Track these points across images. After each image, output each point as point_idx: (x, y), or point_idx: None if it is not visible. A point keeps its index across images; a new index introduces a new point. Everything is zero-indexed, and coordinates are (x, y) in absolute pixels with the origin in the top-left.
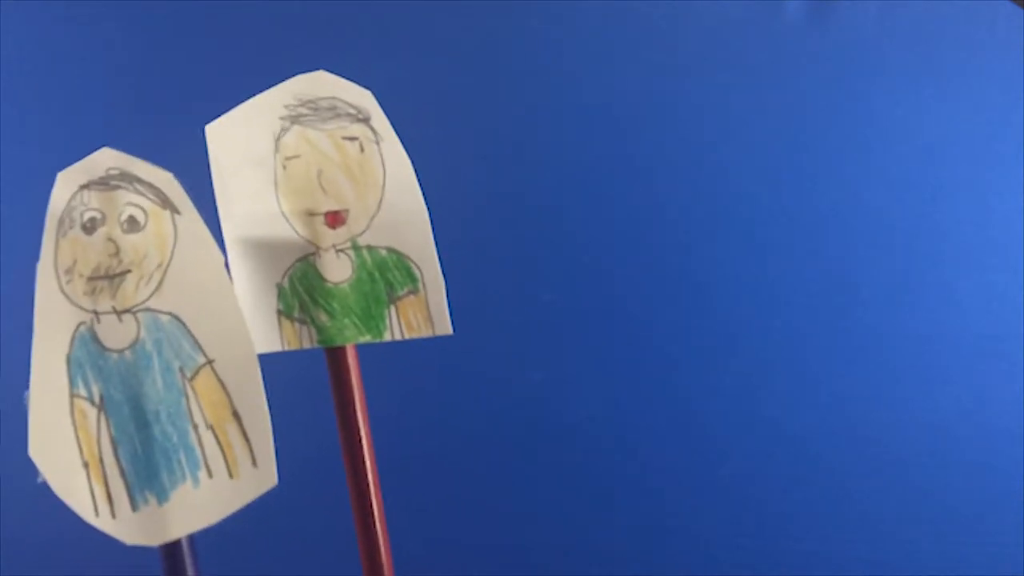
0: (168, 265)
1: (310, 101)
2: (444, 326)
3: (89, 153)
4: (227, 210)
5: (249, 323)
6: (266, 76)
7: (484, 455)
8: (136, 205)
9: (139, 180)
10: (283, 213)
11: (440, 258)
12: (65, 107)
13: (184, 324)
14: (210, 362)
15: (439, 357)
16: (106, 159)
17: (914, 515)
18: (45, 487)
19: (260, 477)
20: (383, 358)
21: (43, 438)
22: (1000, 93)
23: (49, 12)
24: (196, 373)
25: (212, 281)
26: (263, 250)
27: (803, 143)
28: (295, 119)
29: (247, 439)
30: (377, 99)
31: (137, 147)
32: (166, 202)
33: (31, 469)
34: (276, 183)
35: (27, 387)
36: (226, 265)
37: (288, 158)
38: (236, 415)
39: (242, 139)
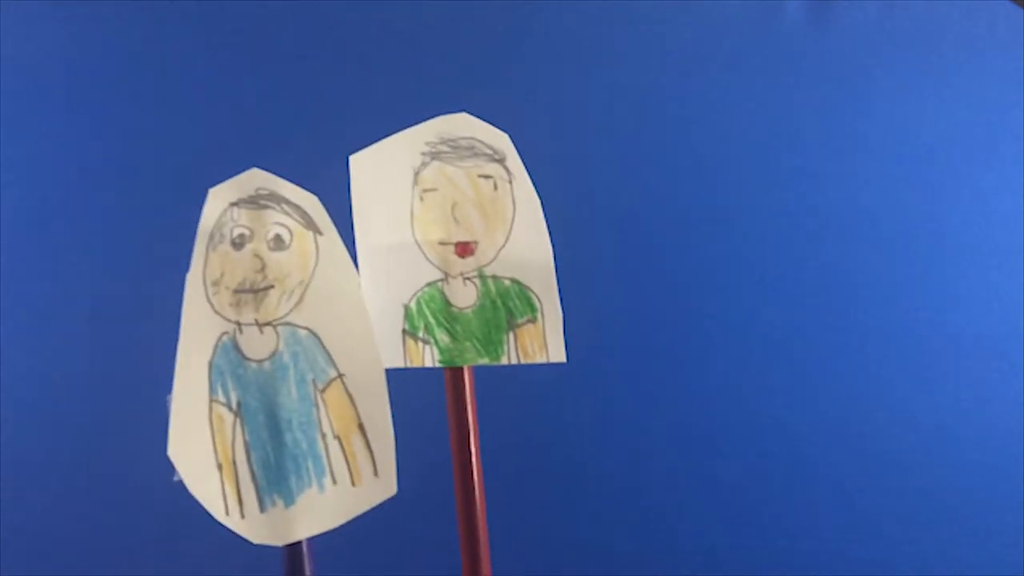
0: (309, 283)
1: (451, 140)
2: (558, 354)
3: (92, 154)
4: (364, 234)
5: (376, 340)
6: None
7: (484, 455)
8: (283, 225)
9: (286, 201)
10: (417, 241)
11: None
12: (65, 107)
13: (319, 339)
14: (341, 376)
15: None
16: (256, 179)
17: (914, 515)
18: (180, 485)
19: (381, 486)
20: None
21: (182, 439)
22: (1000, 93)
23: (61, 11)
24: (327, 386)
25: (348, 300)
26: (395, 273)
27: (803, 143)
28: (435, 155)
29: (370, 450)
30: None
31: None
32: (310, 223)
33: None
34: (412, 213)
35: (170, 391)
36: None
37: (426, 190)
38: (361, 427)
39: (384, 170)
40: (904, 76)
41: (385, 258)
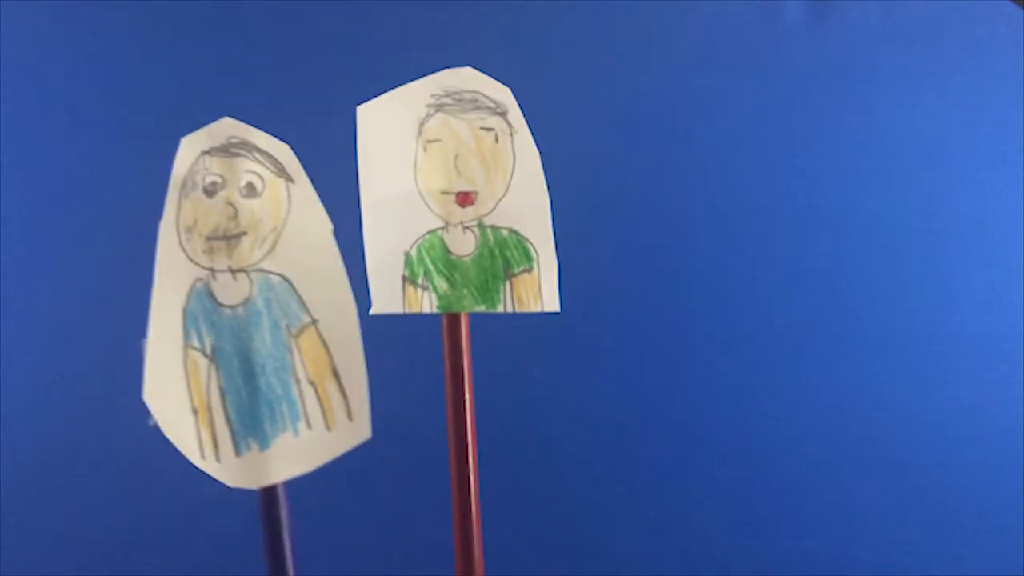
0: (281, 230)
1: (455, 93)
2: (553, 304)
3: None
4: (368, 182)
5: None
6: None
7: (484, 455)
8: (255, 173)
9: (258, 149)
10: (419, 190)
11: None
12: (65, 107)
13: (293, 285)
14: (314, 322)
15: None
16: (227, 128)
17: (914, 515)
18: (156, 430)
19: (355, 430)
20: (382, 354)
21: (157, 384)
22: (1000, 93)
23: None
24: (301, 332)
25: (320, 247)
26: (397, 221)
27: (803, 143)
28: (440, 107)
29: (344, 395)
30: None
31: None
32: (282, 171)
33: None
34: (416, 163)
35: (144, 336)
36: (335, 233)
37: (429, 141)
38: (335, 372)
39: (390, 120)
40: (904, 76)
41: (388, 206)
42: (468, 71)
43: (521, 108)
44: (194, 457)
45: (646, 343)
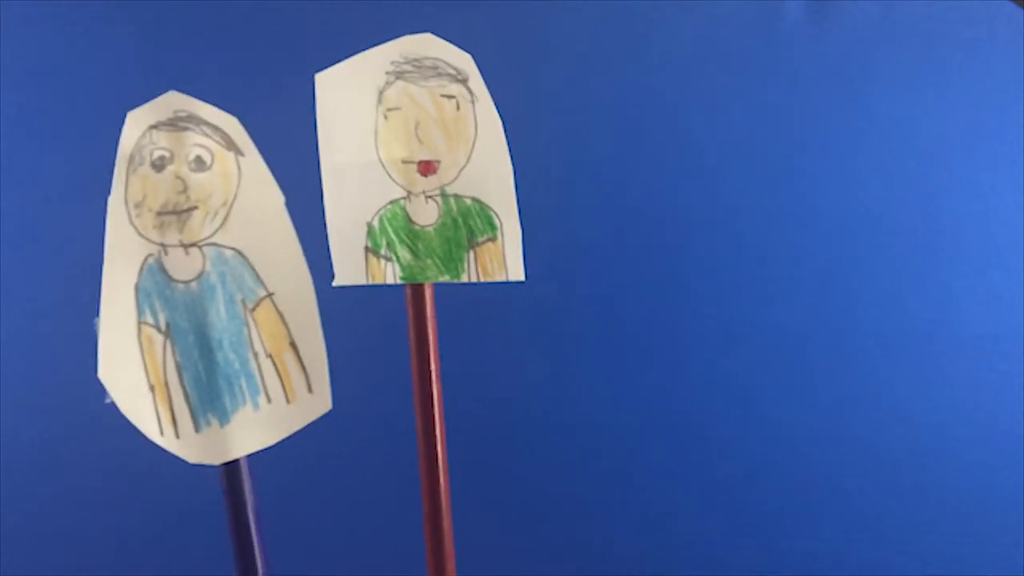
0: (232, 203)
1: (415, 60)
2: (517, 272)
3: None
4: (328, 151)
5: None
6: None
7: (483, 454)
8: (203, 146)
9: (205, 123)
10: (380, 159)
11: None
12: (65, 107)
13: (246, 259)
14: (270, 295)
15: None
16: (173, 101)
17: (914, 515)
18: (112, 407)
19: (316, 402)
20: (382, 350)
21: (112, 362)
22: (1000, 93)
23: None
24: (257, 305)
25: (273, 219)
26: (358, 191)
27: (803, 143)
28: (399, 75)
29: (303, 367)
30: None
31: None
32: (231, 144)
33: (91, 398)
34: (376, 131)
35: (97, 314)
36: (286, 205)
37: (390, 109)
38: (293, 345)
39: (349, 89)
40: (904, 76)
41: (349, 176)
42: (428, 37)
43: (522, 113)
44: (153, 434)
45: (645, 342)
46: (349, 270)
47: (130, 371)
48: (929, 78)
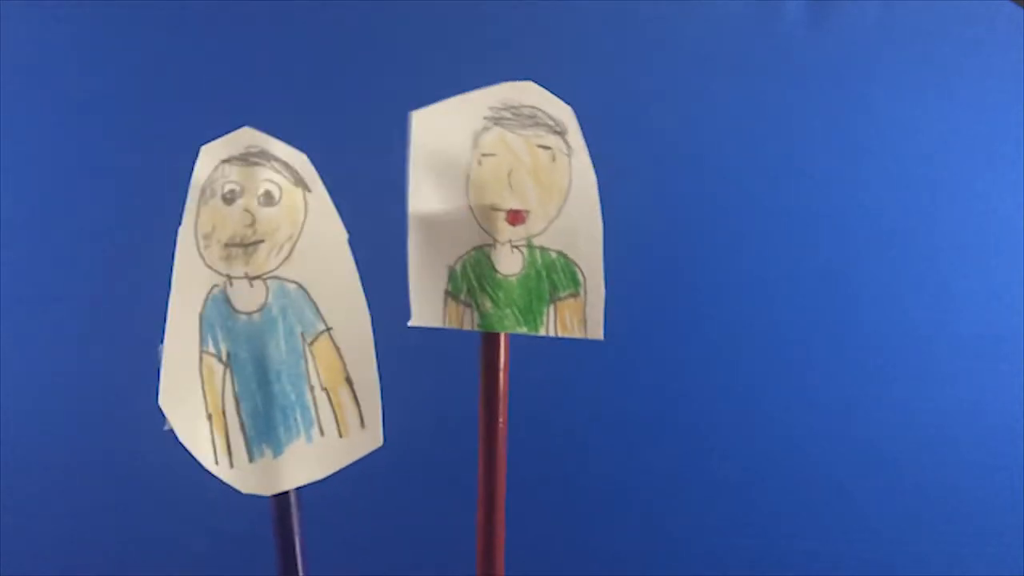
0: (297, 238)
1: (514, 107)
2: (596, 331)
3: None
4: (418, 190)
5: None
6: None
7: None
8: (272, 181)
9: (276, 158)
10: (469, 204)
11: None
12: (65, 107)
13: (308, 293)
14: (329, 330)
15: (439, 354)
16: (247, 137)
17: (914, 515)
18: (171, 433)
19: (368, 437)
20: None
21: (173, 389)
22: (1000, 93)
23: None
24: (316, 339)
25: (336, 255)
26: (443, 233)
27: (803, 143)
28: (497, 120)
29: (357, 402)
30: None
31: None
32: (299, 180)
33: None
34: (468, 175)
35: (162, 341)
36: (349, 242)
37: (484, 155)
38: (349, 380)
39: (445, 129)
40: (904, 76)
41: (436, 217)
42: (530, 85)
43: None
44: (208, 462)
45: (645, 343)
46: (427, 312)
47: (190, 399)
48: (929, 78)
